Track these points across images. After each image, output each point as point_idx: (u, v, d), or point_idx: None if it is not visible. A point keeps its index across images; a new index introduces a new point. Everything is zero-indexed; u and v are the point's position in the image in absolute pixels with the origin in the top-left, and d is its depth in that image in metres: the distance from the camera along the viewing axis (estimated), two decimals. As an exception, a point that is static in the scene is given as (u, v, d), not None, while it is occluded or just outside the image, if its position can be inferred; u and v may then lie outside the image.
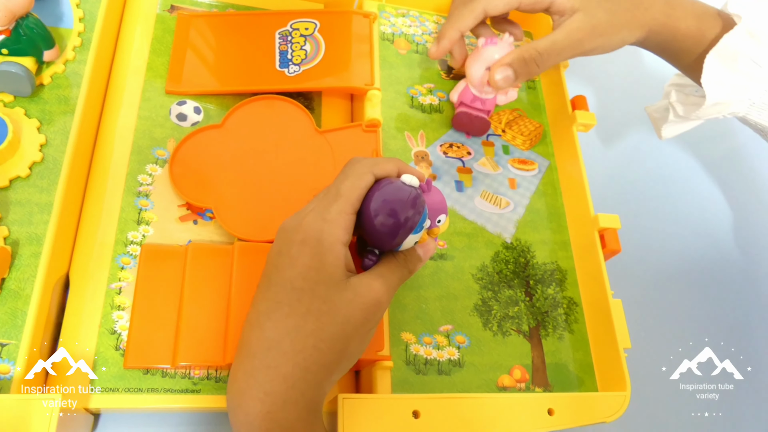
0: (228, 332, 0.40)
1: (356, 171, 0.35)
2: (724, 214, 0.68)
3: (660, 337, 0.57)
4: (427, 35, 0.56)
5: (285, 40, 0.51)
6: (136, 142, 0.45)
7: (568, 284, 0.48)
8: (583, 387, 0.45)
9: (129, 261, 0.42)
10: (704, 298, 0.61)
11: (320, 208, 0.34)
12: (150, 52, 0.49)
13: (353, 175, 0.35)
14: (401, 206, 0.34)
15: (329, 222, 0.33)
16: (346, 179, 0.35)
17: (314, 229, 0.33)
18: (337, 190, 0.34)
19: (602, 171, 0.63)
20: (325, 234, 0.33)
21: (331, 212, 0.34)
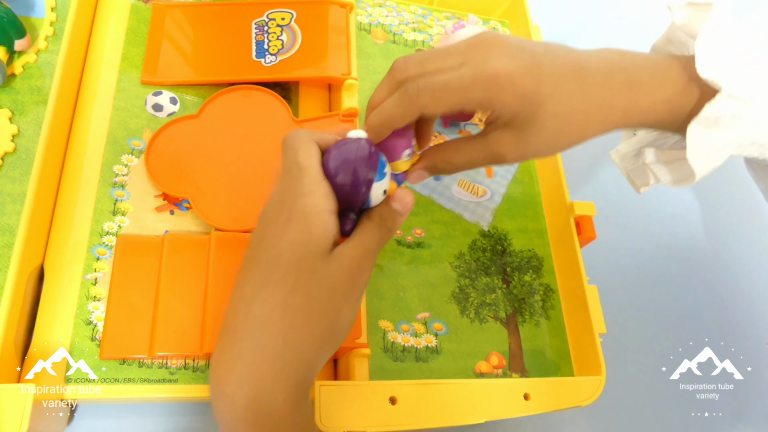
0: (205, 321, 0.40)
1: (302, 141, 0.35)
2: (700, 205, 0.68)
3: (636, 325, 0.58)
4: (404, 25, 0.56)
5: (261, 31, 0.51)
6: (112, 132, 0.45)
7: (545, 271, 0.49)
8: (560, 372, 0.46)
9: (105, 252, 0.42)
10: (681, 284, 0.62)
11: (292, 186, 0.33)
12: (125, 42, 0.49)
13: (302, 146, 0.34)
14: (354, 158, 0.34)
15: (309, 194, 0.33)
16: (298, 151, 0.34)
17: (297, 205, 0.33)
18: (297, 164, 0.34)
19: (578, 159, 0.64)
20: (308, 207, 0.33)
21: (305, 185, 0.33)
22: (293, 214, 0.33)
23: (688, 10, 0.40)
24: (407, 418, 0.38)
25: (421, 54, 0.39)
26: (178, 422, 0.42)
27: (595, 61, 0.39)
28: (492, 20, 0.61)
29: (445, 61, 0.38)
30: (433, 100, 0.37)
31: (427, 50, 0.41)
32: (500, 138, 0.39)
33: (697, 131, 0.38)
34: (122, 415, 0.41)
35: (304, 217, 0.33)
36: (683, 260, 0.63)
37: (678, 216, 0.65)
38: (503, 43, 0.38)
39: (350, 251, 0.34)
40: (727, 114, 0.38)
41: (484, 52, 0.37)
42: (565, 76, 0.38)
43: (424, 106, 0.38)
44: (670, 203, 0.66)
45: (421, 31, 0.57)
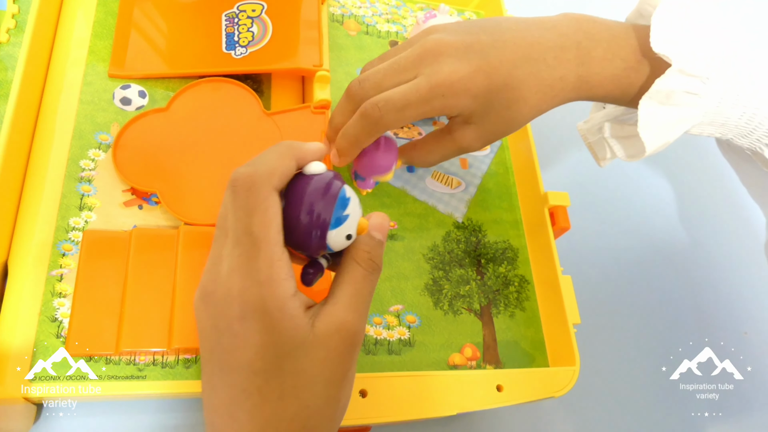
0: (173, 317, 0.39)
1: (258, 196, 0.28)
2: (675, 194, 0.68)
3: (610, 313, 0.58)
4: (377, 16, 0.56)
5: (231, 22, 0.50)
6: (78, 127, 0.44)
7: (520, 262, 0.49)
8: (535, 363, 0.45)
9: (71, 247, 0.41)
10: (657, 273, 0.61)
11: (243, 267, 0.27)
12: (92, 35, 0.48)
13: (258, 205, 0.28)
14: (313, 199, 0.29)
15: (266, 283, 0.27)
16: (252, 214, 0.28)
17: (252, 300, 0.27)
18: (249, 234, 0.27)
19: (553, 149, 0.64)
20: (268, 301, 0.27)
21: (261, 268, 0.27)
22: (247, 310, 0.27)
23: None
24: (378, 411, 0.37)
25: (374, 73, 0.40)
26: (146, 419, 0.41)
27: (547, 37, 0.39)
28: (467, 11, 0.60)
29: (400, 77, 0.39)
30: (396, 117, 0.39)
31: (377, 66, 0.41)
32: (464, 133, 0.41)
33: (649, 106, 0.38)
34: (90, 413, 0.41)
35: (264, 315, 0.27)
36: (659, 249, 0.63)
37: (653, 205, 0.65)
38: (449, 48, 0.38)
39: (339, 322, 0.28)
40: (679, 90, 0.38)
41: (434, 62, 0.38)
42: (514, 63, 0.38)
43: (388, 124, 0.39)
44: (646, 192, 0.66)
45: (395, 22, 0.56)
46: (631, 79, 0.39)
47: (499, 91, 0.38)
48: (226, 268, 0.28)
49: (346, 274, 0.30)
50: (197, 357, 0.40)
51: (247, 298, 0.27)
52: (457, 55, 0.38)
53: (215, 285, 0.29)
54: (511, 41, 0.39)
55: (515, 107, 0.39)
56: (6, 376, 0.36)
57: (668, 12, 0.38)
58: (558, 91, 0.39)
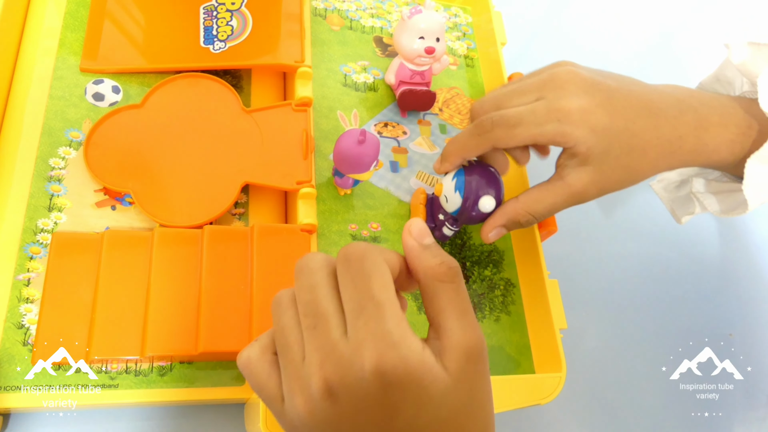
0: (147, 323, 0.38)
1: (373, 264, 0.27)
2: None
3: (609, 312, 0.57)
4: (361, 11, 0.54)
5: (210, 16, 0.49)
6: (47, 123, 0.42)
7: (506, 265, 0.48)
8: (520, 369, 0.44)
9: (39, 250, 0.39)
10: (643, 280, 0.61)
11: (373, 335, 0.25)
12: (63, 27, 0.46)
13: (376, 272, 0.27)
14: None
15: (401, 344, 0.25)
16: (372, 280, 0.27)
17: (391, 364, 0.25)
18: (372, 298, 0.26)
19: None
20: (409, 361, 0.25)
21: (393, 330, 0.25)
22: (392, 378, 0.25)
23: (749, 49, 0.42)
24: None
25: (497, 93, 0.41)
26: (120, 427, 0.40)
27: (666, 98, 0.40)
28: (453, 6, 0.59)
29: (521, 99, 0.40)
30: (506, 133, 0.39)
31: (502, 88, 0.41)
32: (579, 176, 0.39)
33: (755, 165, 0.40)
34: (60, 424, 0.39)
35: (409, 376, 0.25)
36: (647, 252, 0.62)
37: (645, 205, 0.64)
38: (577, 79, 0.38)
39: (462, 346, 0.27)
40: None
41: (559, 88, 0.38)
42: (637, 111, 0.39)
43: (497, 139, 0.39)
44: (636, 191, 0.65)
45: (379, 17, 0.55)
46: (743, 144, 0.40)
47: (619, 133, 0.38)
48: (351, 347, 0.26)
49: (437, 297, 0.28)
50: (172, 364, 0.39)
51: (386, 367, 0.25)
52: (583, 87, 0.38)
53: (341, 371, 0.26)
54: (636, 92, 0.40)
55: (634, 155, 0.39)
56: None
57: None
58: (676, 149, 0.39)
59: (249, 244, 0.41)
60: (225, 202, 0.42)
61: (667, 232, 0.63)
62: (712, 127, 0.40)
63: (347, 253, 0.28)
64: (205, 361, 0.39)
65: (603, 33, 0.75)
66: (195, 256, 0.40)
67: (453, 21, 0.58)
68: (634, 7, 0.79)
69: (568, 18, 0.75)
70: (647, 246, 0.62)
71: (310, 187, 0.43)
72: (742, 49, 0.42)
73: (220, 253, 0.40)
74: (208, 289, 0.39)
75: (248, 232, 0.41)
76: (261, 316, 0.38)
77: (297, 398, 0.27)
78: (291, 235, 0.42)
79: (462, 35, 0.57)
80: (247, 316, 0.39)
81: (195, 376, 0.39)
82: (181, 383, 0.39)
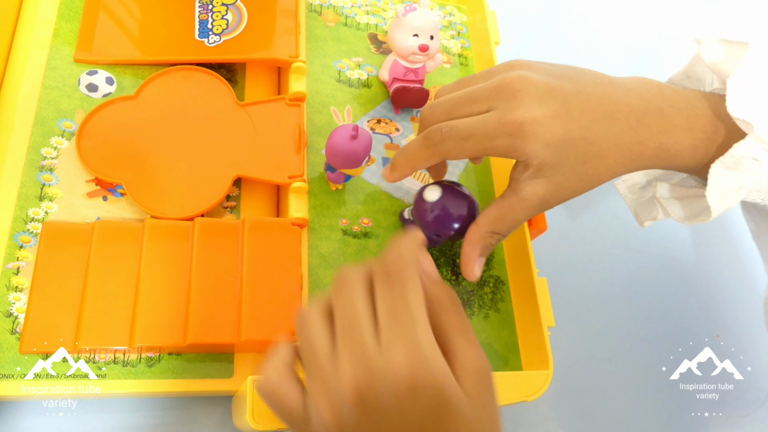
0: (136, 314, 0.38)
1: (413, 275, 0.29)
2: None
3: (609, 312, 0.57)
4: (357, 8, 0.54)
5: (205, 9, 0.49)
6: (40, 113, 0.42)
7: (495, 263, 0.48)
8: (508, 366, 0.45)
9: (29, 239, 0.39)
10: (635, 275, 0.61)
11: (405, 344, 0.27)
12: (57, 16, 0.46)
13: (413, 284, 0.29)
14: None
15: (432, 359, 0.27)
16: (409, 290, 0.29)
17: (423, 377, 0.27)
18: (407, 307, 0.28)
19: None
20: (437, 377, 0.27)
21: (424, 344, 0.27)
22: (417, 385, 0.27)
23: (721, 47, 0.39)
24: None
25: (447, 100, 0.39)
26: (106, 419, 0.40)
27: (630, 98, 0.38)
28: (448, 5, 0.59)
29: (471, 107, 0.38)
30: (456, 146, 0.37)
31: (451, 93, 0.39)
32: (533, 189, 0.38)
33: (719, 171, 0.38)
34: (47, 413, 0.39)
35: (437, 391, 0.27)
36: (638, 252, 0.62)
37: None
38: (530, 87, 0.36)
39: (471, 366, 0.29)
40: (748, 156, 0.37)
41: (511, 98, 0.36)
42: (595, 117, 0.37)
43: (447, 152, 0.38)
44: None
45: (374, 14, 0.55)
46: (707, 149, 0.38)
47: (575, 142, 0.36)
48: (383, 355, 0.27)
49: (446, 323, 0.30)
50: (161, 355, 0.39)
51: (416, 378, 0.27)
52: (537, 96, 0.36)
53: (371, 376, 0.27)
54: (594, 95, 0.37)
55: (591, 164, 0.37)
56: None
57: (745, 77, 0.37)
58: (636, 155, 0.38)
59: (240, 237, 0.41)
60: (217, 195, 0.42)
61: (665, 231, 0.64)
62: (675, 130, 0.38)
63: (387, 266, 0.30)
64: (194, 353, 0.39)
65: (597, 32, 0.75)
66: (185, 248, 0.40)
67: (448, 20, 0.58)
68: (628, 6, 0.80)
69: (563, 17, 0.75)
70: (644, 244, 0.62)
71: (302, 182, 0.43)
72: (713, 46, 0.40)
73: (210, 245, 0.40)
74: (197, 281, 0.39)
75: (239, 225, 0.41)
76: (250, 309, 0.39)
77: (323, 406, 0.28)
78: (282, 229, 0.42)
79: (456, 34, 0.57)
80: (237, 308, 0.39)
81: (183, 368, 0.39)
82: (169, 374, 0.39)
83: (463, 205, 0.40)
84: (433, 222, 0.40)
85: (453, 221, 0.40)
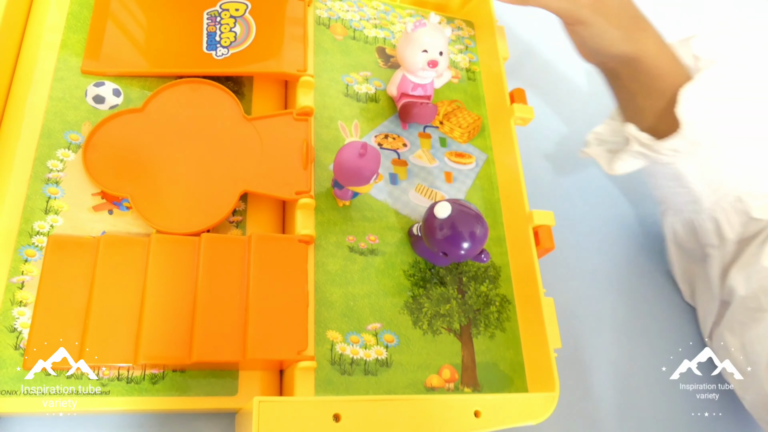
0: (141, 330, 0.37)
1: None
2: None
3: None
4: (365, 21, 0.54)
5: (213, 21, 0.49)
6: (47, 125, 0.42)
7: (502, 281, 0.48)
8: (513, 386, 0.44)
9: (34, 253, 0.39)
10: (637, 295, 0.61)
11: None
12: (65, 27, 0.46)
13: None
14: None
15: None
16: None
17: None
18: None
19: (540, 168, 0.63)
20: None
21: None
22: None
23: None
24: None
25: None
26: (109, 436, 0.40)
27: None
28: (456, 19, 0.59)
29: None
30: None
31: None
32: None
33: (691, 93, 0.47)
34: (48, 430, 0.39)
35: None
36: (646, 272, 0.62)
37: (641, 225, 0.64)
38: None
39: None
40: None
41: None
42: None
43: None
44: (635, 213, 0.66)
45: (382, 27, 0.55)
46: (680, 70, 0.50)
47: None
48: None
49: None
50: (165, 372, 0.38)
51: None
52: None
53: None
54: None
55: None
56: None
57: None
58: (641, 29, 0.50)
59: (246, 253, 0.41)
60: (223, 210, 0.42)
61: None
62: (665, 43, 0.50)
63: None
64: (198, 370, 0.39)
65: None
66: (191, 264, 0.40)
67: (456, 34, 0.58)
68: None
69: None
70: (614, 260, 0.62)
71: (309, 198, 0.43)
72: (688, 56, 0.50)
73: (216, 261, 0.40)
74: (203, 298, 0.39)
75: (246, 241, 0.41)
76: (256, 327, 0.38)
77: None
78: (288, 246, 0.42)
79: (464, 48, 0.57)
80: (242, 326, 0.39)
81: (187, 385, 0.39)
82: (173, 392, 0.38)
83: (472, 224, 0.40)
84: (443, 240, 0.40)
85: (462, 240, 0.40)
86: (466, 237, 0.40)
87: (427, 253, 0.45)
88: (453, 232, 0.40)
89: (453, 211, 0.40)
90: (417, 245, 0.45)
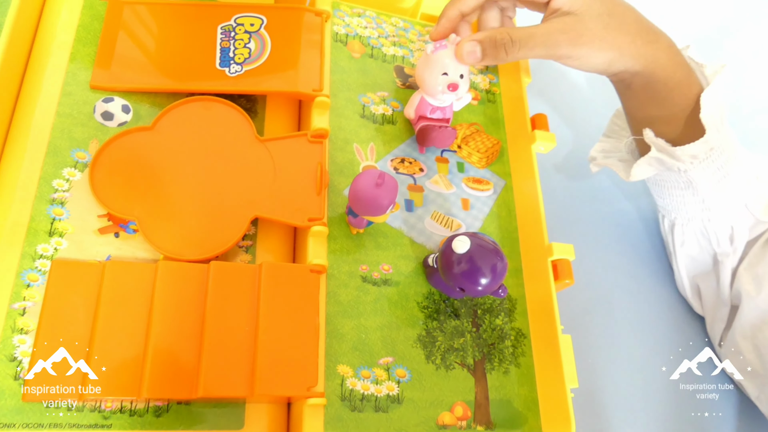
0: (146, 363, 0.36)
1: None
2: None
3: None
4: (383, 38, 0.53)
5: (228, 36, 0.47)
6: (53, 142, 0.41)
7: (518, 314, 0.46)
8: (527, 425, 0.43)
9: (37, 278, 0.37)
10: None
11: None
12: (75, 40, 0.44)
13: None
14: None
15: None
16: None
17: None
18: None
19: (560, 199, 0.61)
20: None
21: None
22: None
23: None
24: (361, 480, 0.35)
25: None
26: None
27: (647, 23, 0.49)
28: (477, 37, 0.57)
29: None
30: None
31: None
32: (559, 21, 0.46)
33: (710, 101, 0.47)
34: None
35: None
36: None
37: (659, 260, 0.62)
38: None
39: None
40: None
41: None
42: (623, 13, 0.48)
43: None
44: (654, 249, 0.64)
45: (401, 45, 0.53)
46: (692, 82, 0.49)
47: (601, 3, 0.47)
48: None
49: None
50: (169, 405, 0.37)
51: None
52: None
53: None
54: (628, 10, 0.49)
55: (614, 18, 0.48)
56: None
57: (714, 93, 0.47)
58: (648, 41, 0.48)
59: (256, 282, 0.39)
60: (233, 236, 0.41)
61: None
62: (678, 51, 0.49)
63: None
64: (204, 402, 0.38)
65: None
66: (199, 293, 0.38)
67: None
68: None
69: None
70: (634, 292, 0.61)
71: (322, 225, 0.41)
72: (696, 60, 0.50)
73: (225, 291, 0.39)
74: (211, 330, 0.37)
75: (256, 270, 0.40)
76: (265, 361, 0.37)
77: None
78: (300, 275, 0.40)
79: (485, 68, 0.56)
80: (251, 359, 0.37)
81: (192, 418, 0.37)
82: (178, 425, 0.37)
83: (492, 260, 0.39)
84: (461, 275, 0.39)
85: (481, 276, 0.39)
86: (485, 273, 0.39)
87: (442, 285, 0.43)
88: (471, 268, 0.39)
89: (472, 245, 0.39)
90: (432, 277, 0.44)
